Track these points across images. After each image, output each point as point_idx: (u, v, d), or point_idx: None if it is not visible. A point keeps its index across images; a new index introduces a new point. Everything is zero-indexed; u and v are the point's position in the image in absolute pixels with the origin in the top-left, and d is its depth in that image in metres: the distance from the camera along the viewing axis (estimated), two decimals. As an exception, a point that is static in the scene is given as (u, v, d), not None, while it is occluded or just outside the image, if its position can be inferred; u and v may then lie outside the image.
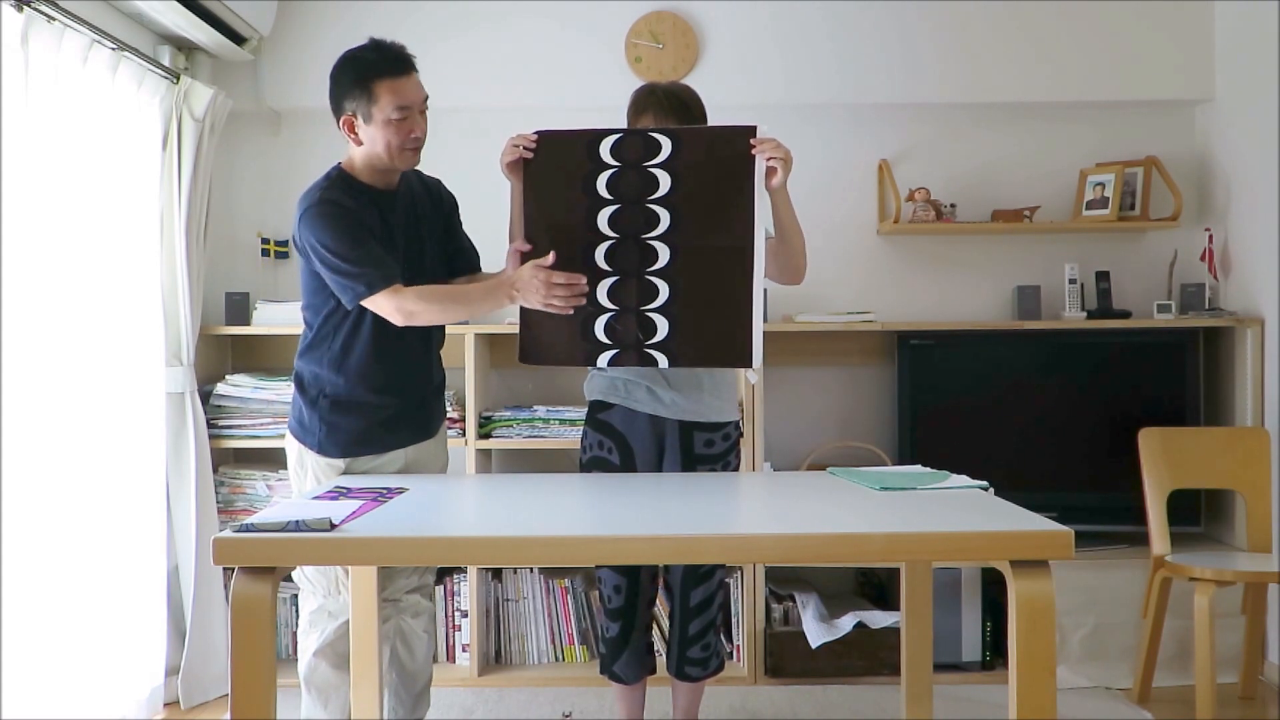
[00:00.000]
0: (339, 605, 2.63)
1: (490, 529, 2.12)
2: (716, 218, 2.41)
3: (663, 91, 2.61)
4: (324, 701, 2.65)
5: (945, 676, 3.46)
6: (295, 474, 2.65)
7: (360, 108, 2.46)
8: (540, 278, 2.42)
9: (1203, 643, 3.01)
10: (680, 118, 2.56)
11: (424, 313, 2.46)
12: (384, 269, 2.44)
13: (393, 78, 2.45)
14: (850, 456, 3.86)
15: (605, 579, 2.72)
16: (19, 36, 2.58)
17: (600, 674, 2.79)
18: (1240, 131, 3.71)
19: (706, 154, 2.42)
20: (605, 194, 2.44)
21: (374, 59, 2.46)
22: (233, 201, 3.93)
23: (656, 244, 2.42)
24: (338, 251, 2.43)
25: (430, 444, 2.72)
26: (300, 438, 2.61)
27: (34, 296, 2.71)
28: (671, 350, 2.43)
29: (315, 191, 2.49)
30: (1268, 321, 3.57)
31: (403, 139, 2.47)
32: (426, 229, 2.65)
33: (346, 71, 2.48)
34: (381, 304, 2.45)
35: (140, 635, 3.23)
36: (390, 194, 2.57)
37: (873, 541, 1.91)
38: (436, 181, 2.76)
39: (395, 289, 2.44)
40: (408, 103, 2.46)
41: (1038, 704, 1.82)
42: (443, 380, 2.77)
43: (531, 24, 3.84)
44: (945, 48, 3.84)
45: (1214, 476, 3.45)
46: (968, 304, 3.99)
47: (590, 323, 2.44)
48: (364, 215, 2.49)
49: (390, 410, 2.59)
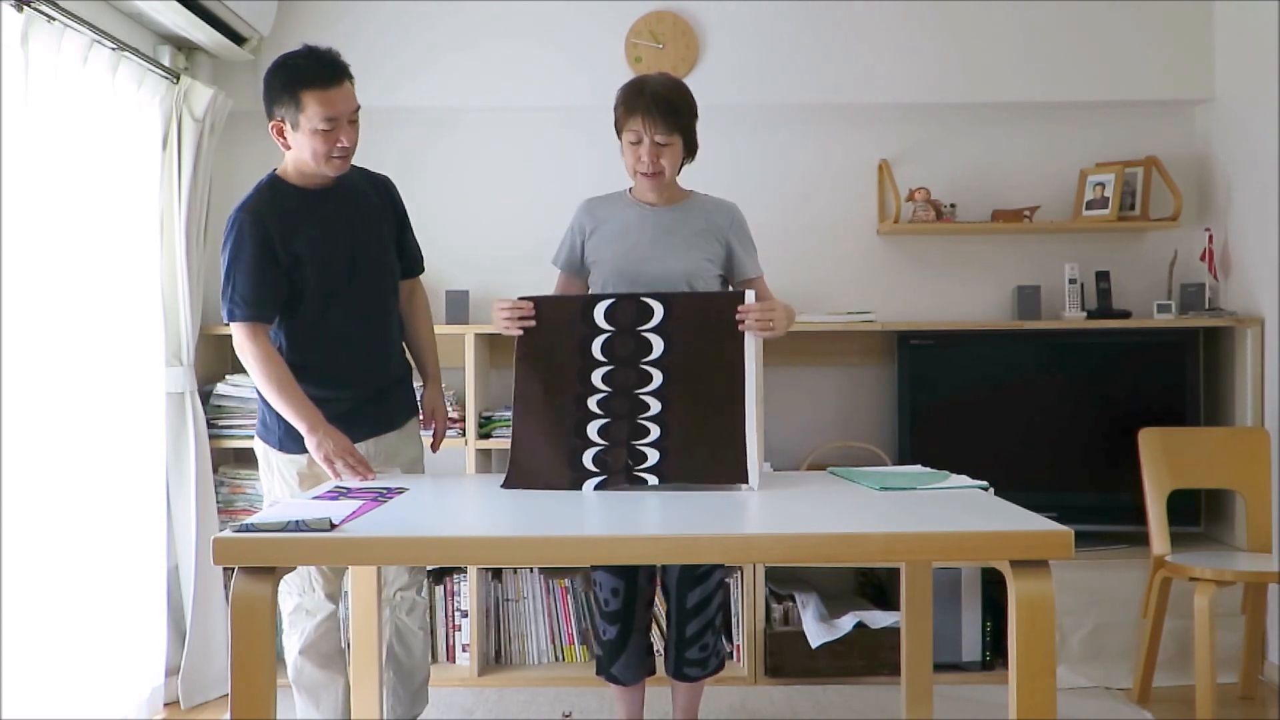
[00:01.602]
0: (315, 602, 2.63)
1: (490, 529, 2.12)
2: (708, 376, 2.44)
3: (651, 92, 2.55)
4: (315, 702, 2.65)
5: (945, 676, 3.46)
6: (264, 476, 2.70)
7: (289, 115, 2.47)
8: (337, 456, 2.46)
9: (1203, 643, 3.01)
10: (670, 122, 2.54)
11: (251, 366, 2.51)
12: (254, 304, 2.49)
13: (321, 88, 2.44)
14: (850, 456, 3.86)
15: (602, 582, 2.71)
16: (19, 36, 2.58)
17: (597, 675, 2.79)
18: (1240, 131, 3.71)
19: (698, 318, 2.45)
20: (600, 357, 2.47)
21: (304, 66, 2.46)
22: (233, 201, 3.84)
23: (649, 398, 2.46)
24: (229, 264, 2.51)
25: (394, 436, 2.71)
26: (264, 438, 2.66)
27: (34, 296, 2.71)
28: (663, 472, 2.42)
29: (244, 200, 2.55)
30: (1268, 321, 3.57)
31: (329, 148, 2.48)
32: (371, 225, 2.66)
33: (277, 77, 2.48)
34: (235, 332, 2.51)
35: (140, 635, 3.22)
36: (325, 192, 2.58)
37: (873, 541, 1.92)
38: (385, 179, 2.77)
39: (253, 326, 2.49)
40: (335, 114, 2.46)
41: (1038, 704, 1.82)
42: (405, 373, 2.78)
43: (532, 24, 3.84)
44: (945, 48, 3.84)
45: (1214, 476, 3.45)
46: (968, 304, 3.99)
47: (578, 454, 2.45)
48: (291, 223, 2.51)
49: (345, 404, 2.60)
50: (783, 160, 3.98)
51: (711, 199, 2.75)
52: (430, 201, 3.78)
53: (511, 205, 3.98)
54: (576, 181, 3.85)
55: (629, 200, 2.73)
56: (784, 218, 3.93)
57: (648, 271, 2.63)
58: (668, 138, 2.56)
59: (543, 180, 3.96)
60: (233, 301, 2.49)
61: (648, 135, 2.55)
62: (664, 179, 2.62)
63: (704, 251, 2.66)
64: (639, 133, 2.55)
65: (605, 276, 2.67)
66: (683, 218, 2.68)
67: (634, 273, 2.63)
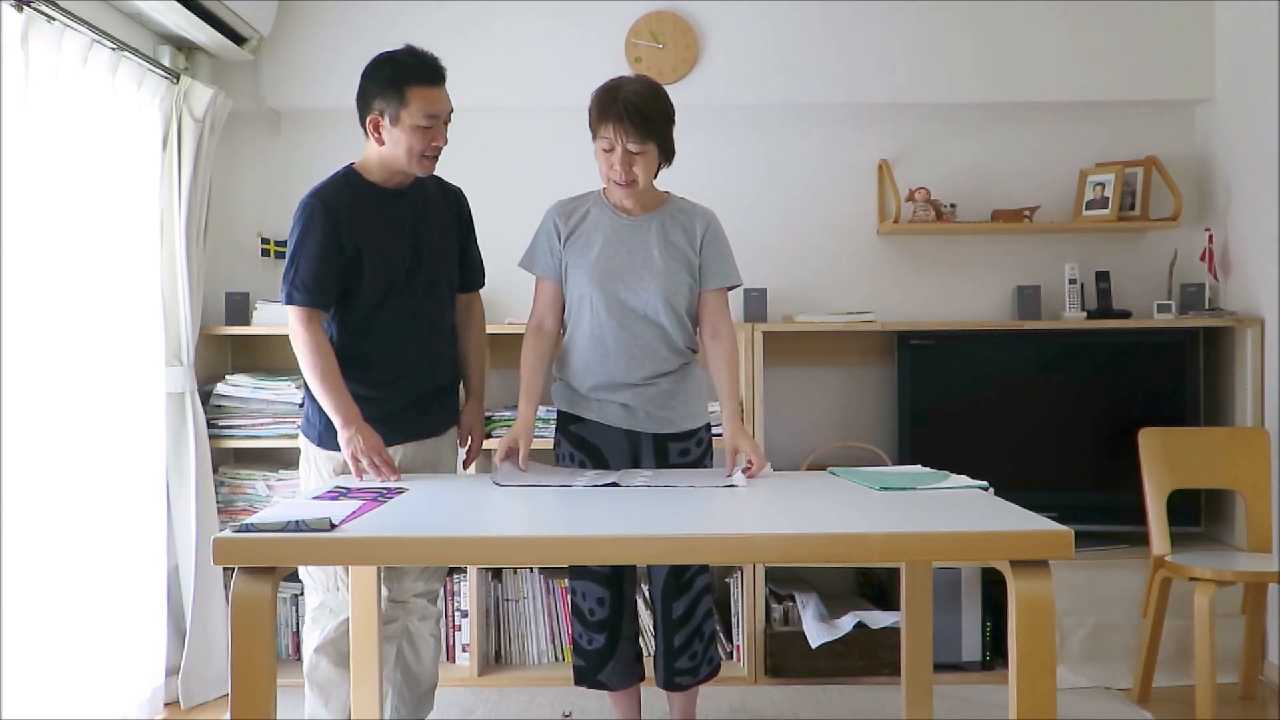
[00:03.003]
0: (339, 602, 2.64)
1: (490, 529, 2.12)
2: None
3: (624, 99, 2.50)
4: (325, 699, 2.66)
5: (945, 676, 3.46)
6: (302, 469, 2.72)
7: (389, 109, 2.50)
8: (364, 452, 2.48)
9: (1203, 643, 3.01)
10: (642, 130, 2.50)
11: (299, 353, 2.52)
12: (314, 292, 2.50)
13: (426, 85, 2.51)
14: (850, 456, 3.86)
15: (586, 593, 2.69)
16: (19, 36, 2.58)
17: (576, 685, 2.77)
18: (1240, 131, 3.71)
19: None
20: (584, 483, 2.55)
21: (410, 64, 2.51)
22: (233, 201, 3.92)
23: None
24: (294, 249, 2.51)
25: (433, 443, 2.72)
26: (305, 432, 2.68)
27: (34, 297, 2.71)
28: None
29: (318, 186, 2.57)
30: (1268, 321, 3.57)
31: (424, 146, 2.53)
32: (438, 231, 2.68)
33: (382, 71, 2.51)
34: (289, 317, 2.52)
35: (140, 635, 3.22)
36: (399, 192, 2.61)
37: (873, 541, 1.92)
38: (457, 190, 2.80)
39: (309, 313, 2.51)
40: (437, 111, 2.52)
41: (1038, 704, 1.82)
42: (452, 383, 2.78)
43: (531, 24, 3.84)
44: (945, 48, 3.84)
45: (1214, 476, 3.45)
46: (968, 304, 3.99)
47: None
48: (358, 216, 2.53)
49: (388, 406, 2.61)
50: (783, 160, 3.97)
51: (688, 204, 2.71)
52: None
53: (511, 205, 3.96)
54: (576, 181, 3.83)
55: (604, 205, 2.69)
56: (784, 218, 3.93)
57: (626, 299, 2.62)
58: (641, 145, 2.52)
59: (542, 180, 3.94)
60: (293, 285, 2.51)
61: (620, 144, 2.52)
62: (638, 187, 2.58)
63: (681, 268, 2.63)
64: (611, 140, 2.52)
65: (582, 291, 2.64)
66: (660, 229, 2.64)
67: (610, 291, 2.61)
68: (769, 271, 3.85)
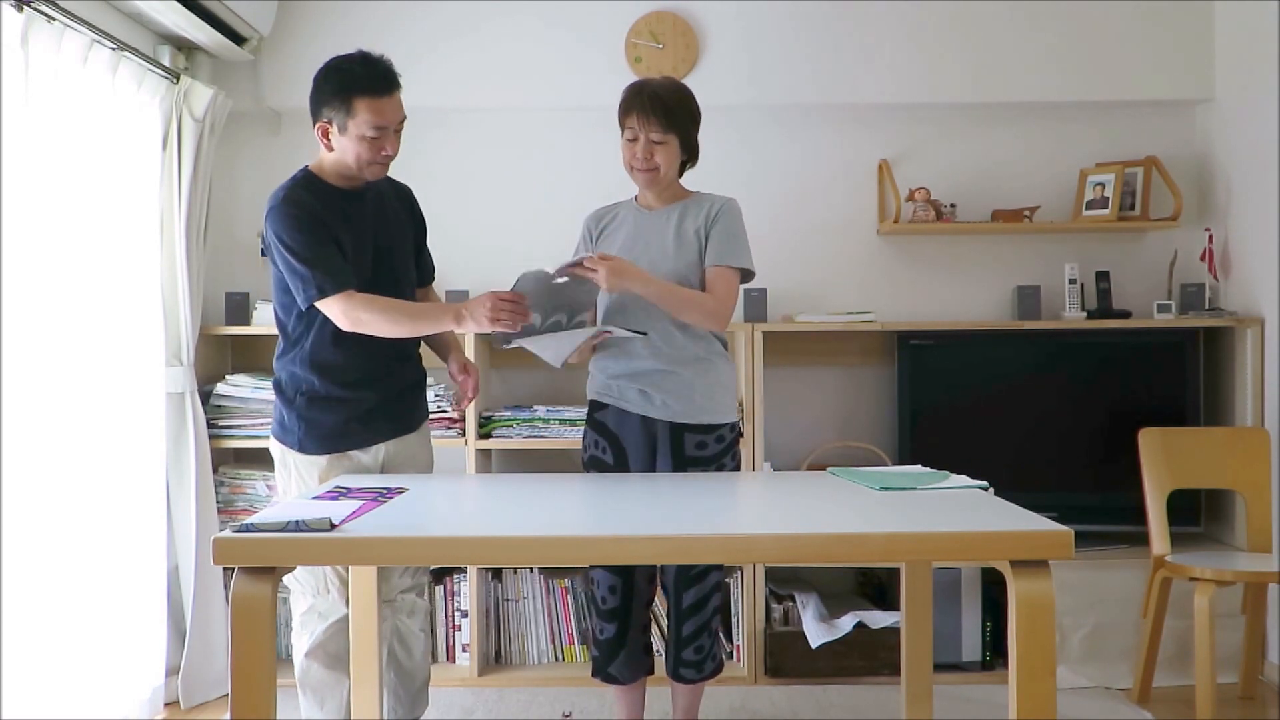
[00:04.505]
0: (328, 605, 2.63)
1: (490, 529, 2.12)
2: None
3: (649, 93, 2.63)
4: (320, 702, 2.66)
5: (945, 676, 3.46)
6: (280, 476, 2.70)
7: (337, 118, 2.48)
8: (489, 300, 2.48)
9: (1203, 643, 3.01)
10: (664, 120, 2.60)
11: (371, 322, 2.49)
12: (338, 275, 2.48)
13: (374, 96, 2.46)
14: (850, 456, 3.86)
15: (600, 580, 2.72)
16: (19, 36, 2.58)
17: (592, 677, 2.78)
18: (1240, 131, 3.71)
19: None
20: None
21: (359, 73, 2.47)
22: (233, 201, 3.92)
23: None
24: (296, 251, 2.47)
25: (413, 438, 2.74)
26: (281, 439, 2.66)
27: (34, 297, 2.71)
28: None
29: (281, 191, 2.54)
30: (1268, 321, 3.57)
31: (373, 155, 2.50)
32: (396, 230, 2.68)
33: (330, 80, 2.49)
34: (332, 308, 2.49)
35: (140, 635, 3.22)
36: (357, 193, 2.60)
37: (873, 541, 1.92)
38: (408, 190, 2.81)
39: (348, 294, 2.48)
40: (385, 123, 2.48)
41: (1038, 704, 1.82)
42: (422, 376, 2.80)
43: (531, 24, 3.84)
44: (945, 48, 3.84)
45: (1214, 476, 3.45)
46: (968, 304, 3.99)
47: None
48: (327, 216, 2.52)
49: (367, 404, 2.61)
50: (783, 160, 3.97)
51: (711, 196, 2.77)
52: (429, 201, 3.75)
53: (511, 205, 3.98)
54: (575, 181, 3.87)
55: (632, 206, 2.79)
56: (784, 218, 3.93)
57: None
58: (663, 135, 2.61)
59: (542, 180, 3.97)
60: (319, 281, 2.47)
61: (643, 133, 2.62)
62: (659, 176, 2.66)
63: (692, 254, 2.68)
64: (635, 130, 2.63)
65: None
66: (677, 220, 2.71)
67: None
68: (769, 272, 3.82)
